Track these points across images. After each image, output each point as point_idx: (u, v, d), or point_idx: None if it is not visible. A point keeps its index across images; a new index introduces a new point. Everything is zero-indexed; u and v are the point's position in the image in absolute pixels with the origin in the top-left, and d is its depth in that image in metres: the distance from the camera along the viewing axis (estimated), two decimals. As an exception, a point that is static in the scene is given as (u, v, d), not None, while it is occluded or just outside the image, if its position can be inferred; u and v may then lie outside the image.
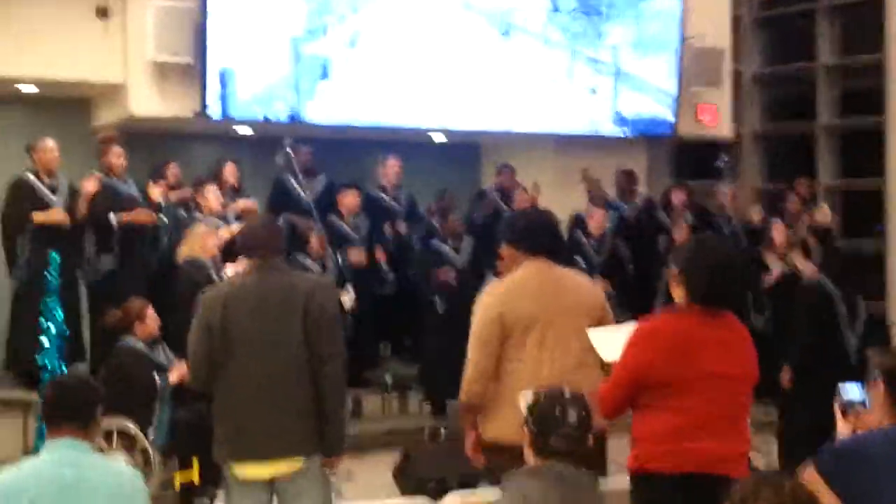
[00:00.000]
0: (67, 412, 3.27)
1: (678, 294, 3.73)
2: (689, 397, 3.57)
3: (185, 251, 6.99)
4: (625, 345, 3.71)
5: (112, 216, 7.49)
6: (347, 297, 7.66)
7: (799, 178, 10.22)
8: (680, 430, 3.56)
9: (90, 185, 7.41)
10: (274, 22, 8.34)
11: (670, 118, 10.03)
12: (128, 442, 5.67)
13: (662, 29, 9.88)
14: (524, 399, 3.35)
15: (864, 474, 3.10)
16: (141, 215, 7.59)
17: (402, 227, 8.89)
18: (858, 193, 11.47)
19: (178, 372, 6.11)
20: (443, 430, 7.38)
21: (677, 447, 3.55)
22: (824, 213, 9.71)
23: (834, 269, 6.67)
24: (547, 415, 3.22)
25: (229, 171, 8.22)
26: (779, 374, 6.66)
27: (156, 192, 7.75)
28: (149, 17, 7.97)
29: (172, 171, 8.12)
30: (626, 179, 9.76)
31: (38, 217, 7.29)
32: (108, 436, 5.54)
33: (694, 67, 9.95)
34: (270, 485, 4.19)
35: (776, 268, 8.66)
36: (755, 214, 9.74)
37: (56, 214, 7.35)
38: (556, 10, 9.46)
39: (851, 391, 3.55)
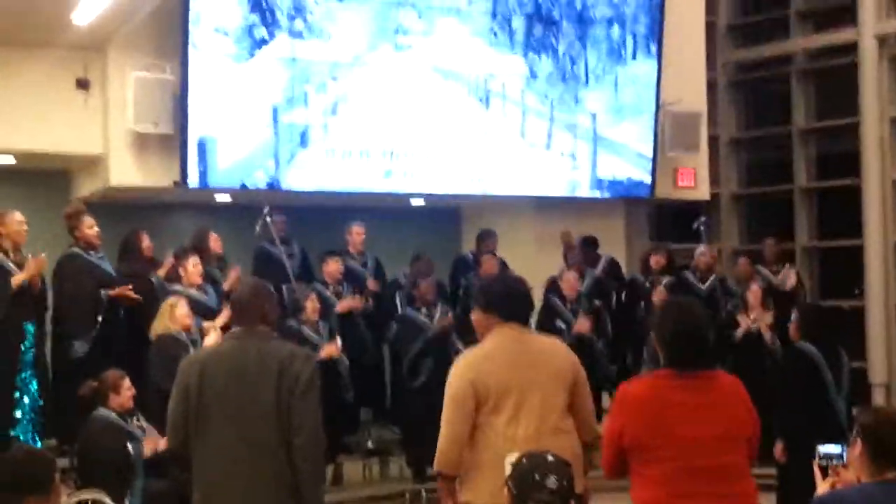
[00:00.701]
0: (20, 486, 3.21)
1: (662, 358, 3.75)
2: (669, 464, 3.54)
3: (157, 327, 6.94)
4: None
5: (102, 292, 7.37)
6: (334, 347, 7.62)
7: (767, 239, 10.30)
8: (670, 499, 3.53)
9: (33, 268, 7.06)
10: (254, 90, 8.41)
11: (648, 181, 10.12)
12: (104, 513, 5.59)
13: (639, 94, 10.02)
14: (509, 460, 3.34)
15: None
16: (128, 292, 7.47)
17: (372, 284, 8.85)
18: (836, 254, 11.56)
19: (151, 444, 6.05)
20: (424, 495, 7.30)
21: None
22: (785, 277, 9.73)
23: (815, 332, 6.58)
24: (526, 478, 3.19)
25: (213, 241, 8.20)
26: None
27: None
28: (129, 88, 8.04)
29: (146, 242, 7.93)
30: (589, 245, 9.75)
31: (15, 280, 7.03)
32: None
33: (671, 131, 10.07)
34: None
35: (742, 327, 8.80)
36: (790, 279, 9.74)
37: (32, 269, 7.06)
38: (533, 76, 9.58)
39: (830, 449, 3.55)
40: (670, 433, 3.56)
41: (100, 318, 7.35)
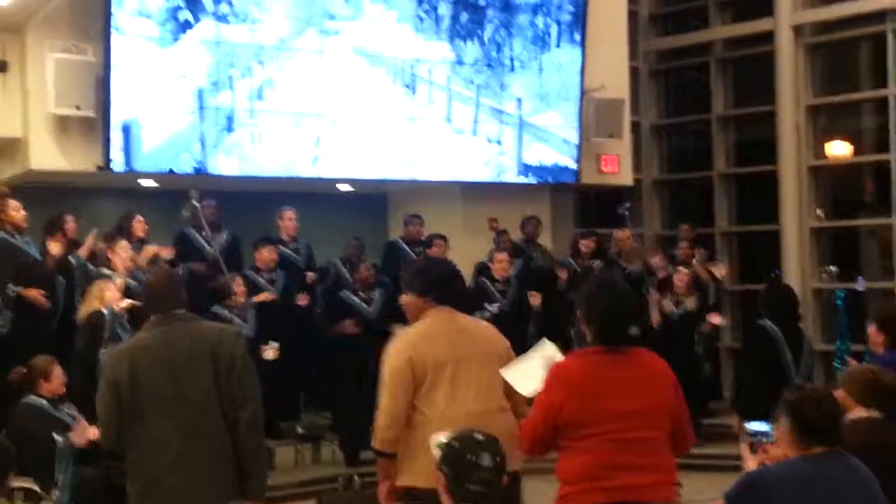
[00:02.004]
0: None
1: (587, 335, 3.81)
2: (600, 437, 3.62)
3: (85, 310, 6.85)
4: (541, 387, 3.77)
5: (10, 287, 7.26)
6: (271, 350, 7.61)
7: (683, 224, 10.56)
8: (597, 469, 3.61)
9: None
10: (179, 73, 8.30)
11: (573, 166, 10.24)
12: (32, 502, 5.50)
13: (564, 81, 10.12)
14: (434, 442, 3.33)
15: (764, 502, 3.19)
16: (35, 296, 7.32)
17: (310, 277, 8.87)
18: (754, 238, 11.84)
19: (81, 432, 5.96)
20: (356, 479, 7.32)
21: (596, 485, 3.60)
22: (720, 270, 10.05)
23: (777, 309, 6.67)
24: (460, 460, 3.19)
25: (138, 224, 8.10)
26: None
27: (55, 248, 7.53)
28: (49, 70, 7.86)
29: (70, 224, 7.89)
30: (532, 225, 9.92)
31: None
32: (10, 494, 5.36)
33: (595, 118, 10.19)
34: None
35: (655, 312, 9.12)
36: (658, 261, 9.98)
37: None
38: (459, 62, 9.62)
39: (759, 426, 3.66)
40: (604, 407, 3.64)
41: (9, 312, 7.23)
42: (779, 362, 6.43)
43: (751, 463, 3.63)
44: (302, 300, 8.59)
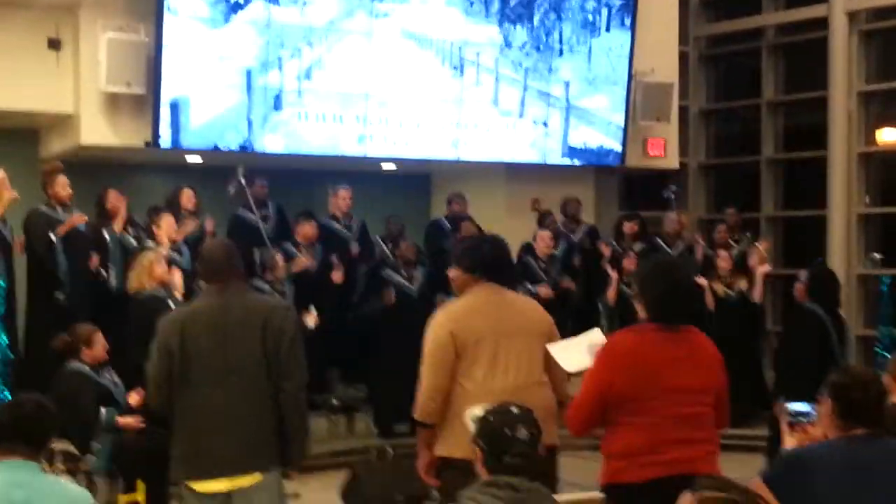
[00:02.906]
0: (23, 435, 3.27)
1: (641, 312, 3.84)
2: (652, 413, 3.68)
3: (134, 282, 6.94)
4: (592, 364, 3.80)
5: (52, 234, 7.42)
6: (311, 317, 7.68)
7: (727, 208, 10.48)
8: (646, 445, 3.66)
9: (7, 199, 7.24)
10: (228, 53, 8.38)
11: (618, 149, 10.20)
12: (71, 464, 5.61)
13: (612, 65, 10.07)
14: (469, 416, 3.37)
15: (804, 483, 3.21)
16: (73, 220, 7.49)
17: (354, 248, 8.91)
18: (800, 224, 11.73)
19: (137, 395, 6.07)
20: (389, 450, 7.39)
21: (645, 460, 3.66)
22: (760, 256, 9.90)
23: (823, 295, 6.60)
24: (497, 433, 3.23)
25: (186, 198, 8.21)
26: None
27: (77, 220, 7.66)
28: (101, 48, 7.98)
29: (113, 200, 8.01)
30: (573, 207, 9.91)
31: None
32: (50, 457, 5.48)
33: (643, 102, 10.14)
34: (227, 496, 4.18)
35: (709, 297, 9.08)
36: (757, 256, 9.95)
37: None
38: (508, 45, 9.61)
39: (799, 407, 3.66)
40: (657, 383, 3.69)
41: (62, 263, 7.38)
42: (826, 346, 6.39)
43: (790, 442, 3.62)
44: (336, 276, 8.57)
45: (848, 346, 6.56)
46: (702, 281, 9.13)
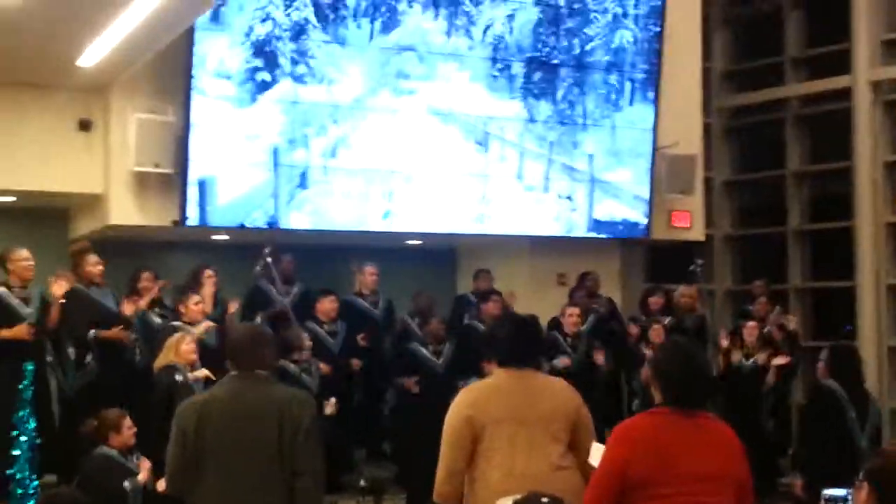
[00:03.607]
0: None
1: (656, 396, 3.79)
2: (671, 498, 3.56)
3: (161, 361, 6.97)
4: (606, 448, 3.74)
5: (91, 332, 7.48)
6: (330, 405, 7.66)
7: (756, 280, 10.43)
8: None
9: (59, 289, 7.36)
10: (255, 132, 8.49)
11: (644, 222, 10.20)
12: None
13: (636, 138, 10.11)
14: (502, 505, 3.33)
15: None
16: (118, 334, 7.57)
17: (376, 332, 8.90)
18: (828, 294, 11.64)
19: (144, 470, 6.08)
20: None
21: None
22: (791, 321, 9.89)
23: (842, 371, 6.58)
24: (528, 523, 3.19)
25: (208, 279, 8.24)
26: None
27: (129, 309, 7.74)
28: (131, 129, 8.10)
29: (144, 282, 8.09)
30: (592, 281, 9.89)
31: (3, 334, 7.22)
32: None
33: (667, 174, 10.16)
34: None
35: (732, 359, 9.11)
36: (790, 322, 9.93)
37: (20, 331, 7.26)
38: (532, 120, 9.67)
39: (835, 492, 3.59)
40: (672, 469, 3.58)
41: (91, 357, 7.42)
42: (843, 423, 6.32)
43: (827, 532, 3.55)
44: (355, 364, 8.60)
45: (872, 422, 6.48)
46: (723, 342, 9.10)
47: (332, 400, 7.75)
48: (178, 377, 6.75)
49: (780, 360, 9.22)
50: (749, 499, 3.77)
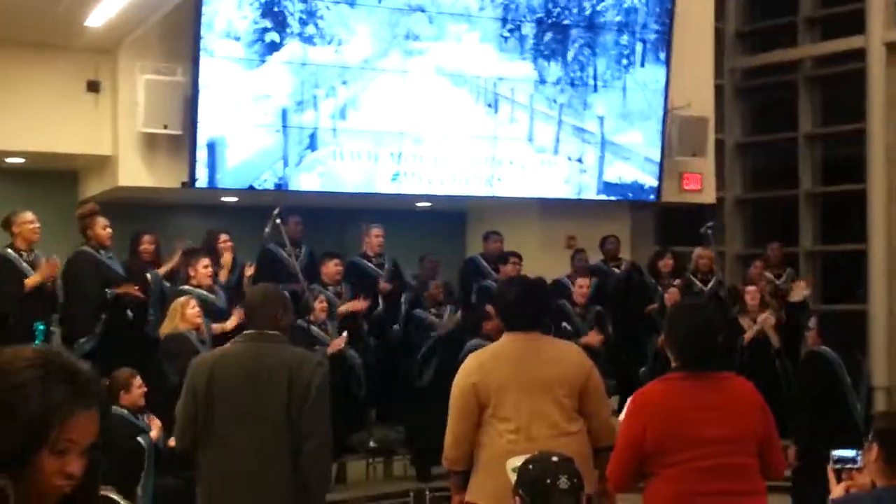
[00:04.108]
0: None
1: (672, 360, 3.78)
2: (686, 464, 3.58)
3: (167, 327, 6.95)
4: (622, 417, 3.74)
5: (108, 291, 7.47)
6: (341, 339, 7.64)
7: (771, 243, 10.36)
8: (685, 497, 3.58)
9: (46, 271, 7.15)
10: (264, 93, 8.44)
11: (654, 184, 10.15)
12: (116, 510, 5.61)
13: (647, 99, 10.04)
14: (509, 466, 3.32)
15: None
16: (130, 290, 7.56)
17: (384, 287, 8.84)
18: (839, 258, 11.60)
19: (155, 428, 6.10)
20: (427, 493, 7.32)
21: None
22: (800, 291, 9.76)
23: (831, 336, 6.61)
24: (537, 483, 3.17)
25: (223, 243, 8.21)
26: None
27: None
28: (139, 90, 8.06)
29: (145, 245, 8.03)
30: (612, 244, 9.87)
31: (29, 282, 7.12)
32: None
33: (678, 136, 10.09)
34: None
35: (749, 332, 8.86)
36: (800, 290, 9.79)
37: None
38: (542, 81, 9.61)
39: (845, 453, 3.57)
40: (688, 434, 3.60)
41: (103, 317, 7.42)
42: (835, 389, 6.33)
43: (837, 490, 3.53)
44: (360, 304, 8.48)
45: (864, 386, 6.51)
46: (745, 322, 8.97)
47: (344, 334, 7.71)
48: (192, 345, 6.68)
49: (763, 318, 9.01)
50: (775, 453, 3.77)
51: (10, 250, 7.20)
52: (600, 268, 9.82)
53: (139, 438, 6.14)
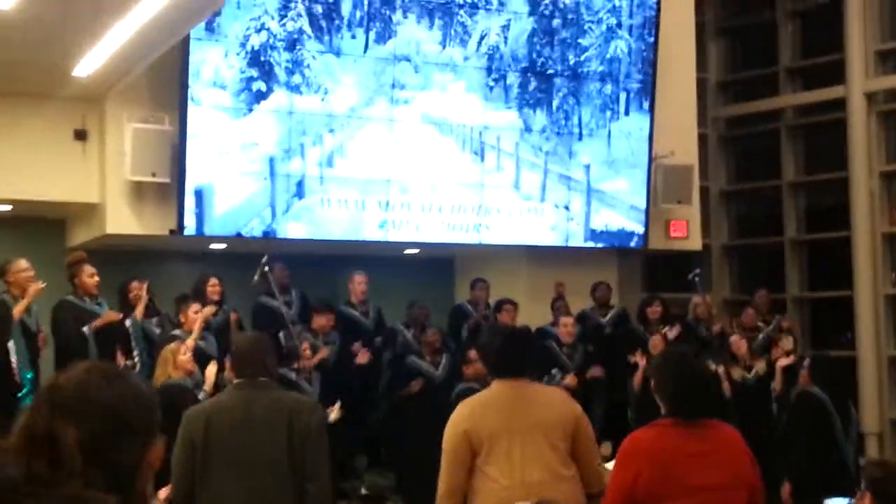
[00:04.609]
0: None
1: (662, 407, 3.78)
2: None
3: (159, 375, 6.90)
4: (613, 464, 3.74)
5: (85, 328, 7.44)
6: (335, 410, 7.61)
7: (758, 290, 10.40)
8: None
9: (32, 294, 7.24)
10: (251, 141, 8.50)
11: (641, 231, 10.21)
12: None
13: (632, 148, 10.13)
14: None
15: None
16: (109, 317, 7.52)
17: (363, 358, 8.81)
18: (827, 304, 11.65)
19: (164, 491, 6.01)
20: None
21: None
22: (788, 344, 9.78)
23: (826, 380, 6.63)
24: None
25: (212, 288, 8.20)
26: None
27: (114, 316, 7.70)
28: (127, 138, 8.11)
29: (135, 290, 8.00)
30: (602, 291, 9.90)
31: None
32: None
33: (663, 184, 10.17)
34: None
35: (734, 376, 8.87)
36: (716, 327, 9.89)
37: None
38: (528, 130, 9.69)
39: (837, 501, 3.58)
40: (680, 481, 3.59)
41: (92, 354, 7.36)
42: (829, 429, 6.34)
43: (831, 537, 3.54)
44: (362, 357, 8.53)
45: (854, 430, 6.52)
46: (718, 369, 8.98)
47: (337, 405, 7.71)
48: (191, 394, 6.62)
49: (784, 361, 9.05)
50: (761, 500, 3.77)
51: (8, 297, 7.21)
52: (588, 315, 9.84)
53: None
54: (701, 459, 3.63)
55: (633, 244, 10.29)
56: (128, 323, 7.76)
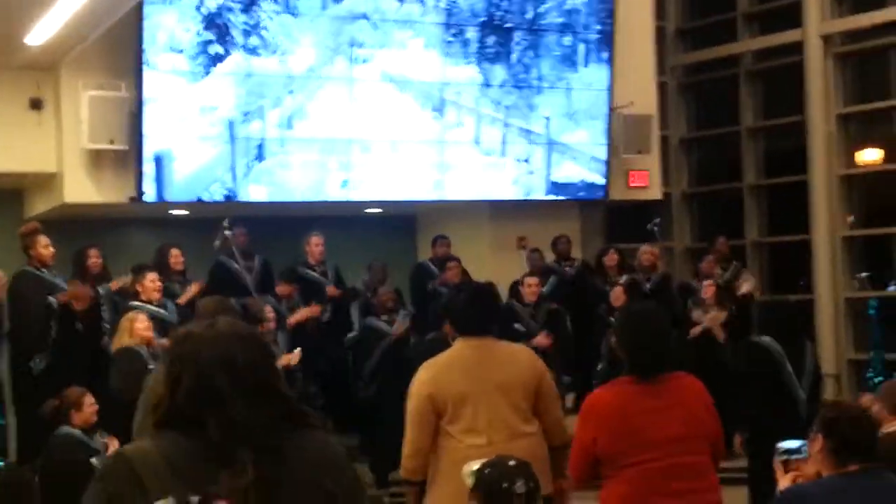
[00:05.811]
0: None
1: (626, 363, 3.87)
2: (639, 466, 3.68)
3: (116, 342, 6.88)
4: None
5: (51, 298, 7.37)
6: (295, 355, 7.61)
7: (718, 236, 10.49)
8: (638, 498, 3.67)
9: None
10: (209, 105, 8.43)
11: (601, 183, 10.26)
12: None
13: (592, 99, 10.14)
14: (466, 471, 3.36)
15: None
16: (76, 292, 7.44)
17: (332, 291, 8.83)
18: (785, 249, 11.80)
19: (112, 447, 6.05)
20: (386, 500, 7.32)
21: None
22: (749, 285, 9.88)
23: (775, 325, 6.70)
24: (494, 487, 3.22)
25: (174, 256, 8.14)
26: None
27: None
28: (83, 106, 8.01)
29: (92, 259, 7.86)
30: (563, 244, 9.96)
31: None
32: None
33: (623, 134, 10.21)
34: None
35: (696, 328, 8.91)
36: (747, 285, 9.88)
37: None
38: (487, 84, 9.67)
39: (790, 444, 3.66)
40: (638, 438, 3.69)
41: (54, 328, 7.32)
42: (779, 377, 6.41)
43: (784, 482, 3.62)
44: (313, 310, 8.49)
45: (807, 375, 6.58)
46: (697, 316, 9.05)
47: (297, 350, 7.71)
48: (143, 362, 6.60)
49: (712, 317, 9.10)
50: (720, 451, 3.90)
51: None
52: (553, 268, 9.90)
53: (92, 459, 6.08)
54: (659, 414, 3.72)
55: (594, 196, 10.34)
56: (100, 290, 7.70)
